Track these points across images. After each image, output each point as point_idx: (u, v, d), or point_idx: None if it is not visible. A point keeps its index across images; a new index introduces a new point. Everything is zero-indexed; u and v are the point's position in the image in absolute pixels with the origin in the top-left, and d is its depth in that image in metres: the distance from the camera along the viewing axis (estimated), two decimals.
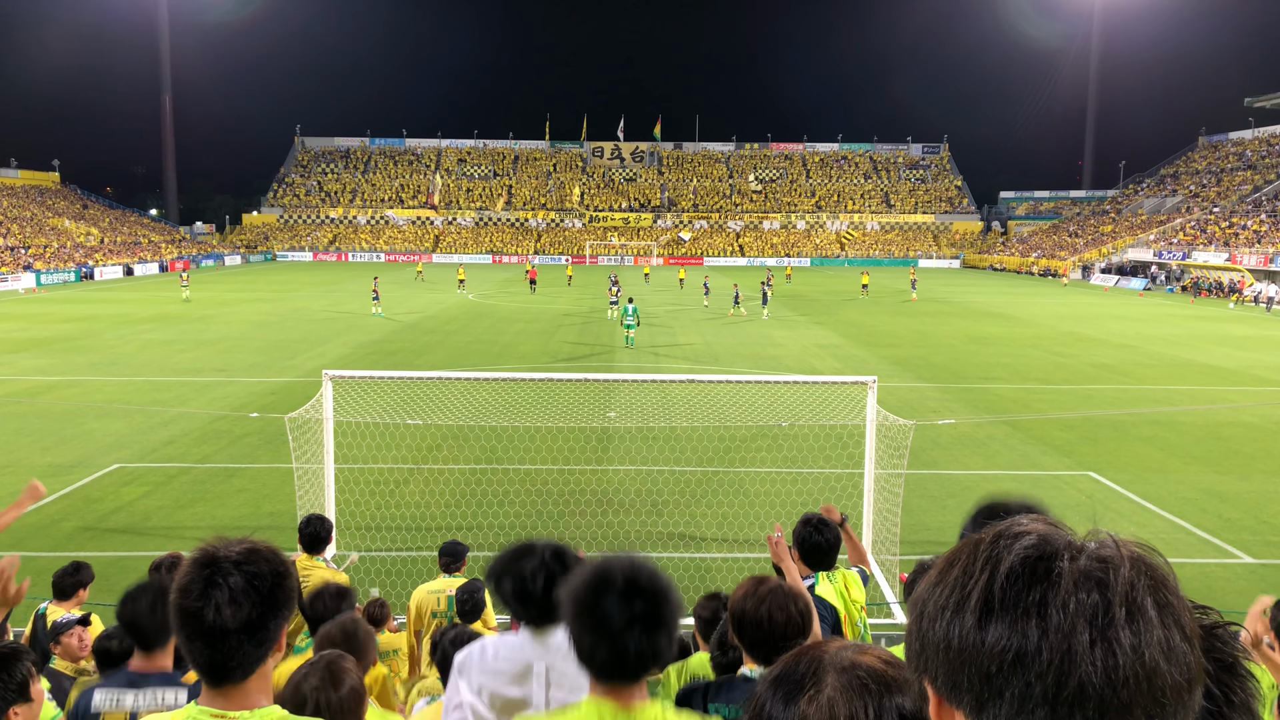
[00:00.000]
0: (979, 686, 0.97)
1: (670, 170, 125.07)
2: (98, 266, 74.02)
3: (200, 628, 2.14)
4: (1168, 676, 0.93)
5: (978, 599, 0.99)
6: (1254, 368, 30.19)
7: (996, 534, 1.04)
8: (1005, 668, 0.95)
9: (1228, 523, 14.59)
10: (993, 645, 0.96)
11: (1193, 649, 0.97)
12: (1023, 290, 67.92)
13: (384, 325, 39.39)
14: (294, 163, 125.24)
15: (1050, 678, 0.93)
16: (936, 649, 1.02)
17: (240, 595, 2.13)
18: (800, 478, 16.08)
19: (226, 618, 2.11)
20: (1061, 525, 1.06)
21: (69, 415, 21.16)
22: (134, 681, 3.65)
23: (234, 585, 2.14)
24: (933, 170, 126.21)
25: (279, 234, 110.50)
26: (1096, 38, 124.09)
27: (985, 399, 24.18)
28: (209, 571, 2.17)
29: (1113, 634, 0.93)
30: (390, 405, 18.55)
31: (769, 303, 45.86)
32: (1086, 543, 1.02)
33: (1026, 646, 0.94)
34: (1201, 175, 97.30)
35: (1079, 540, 1.02)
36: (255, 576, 2.17)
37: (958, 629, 0.99)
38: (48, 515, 14.38)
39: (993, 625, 0.97)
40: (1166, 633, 0.95)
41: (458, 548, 8.08)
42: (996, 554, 1.01)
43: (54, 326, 38.37)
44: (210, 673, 2.21)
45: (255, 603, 2.14)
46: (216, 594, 2.13)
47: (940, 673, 1.02)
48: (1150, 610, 0.95)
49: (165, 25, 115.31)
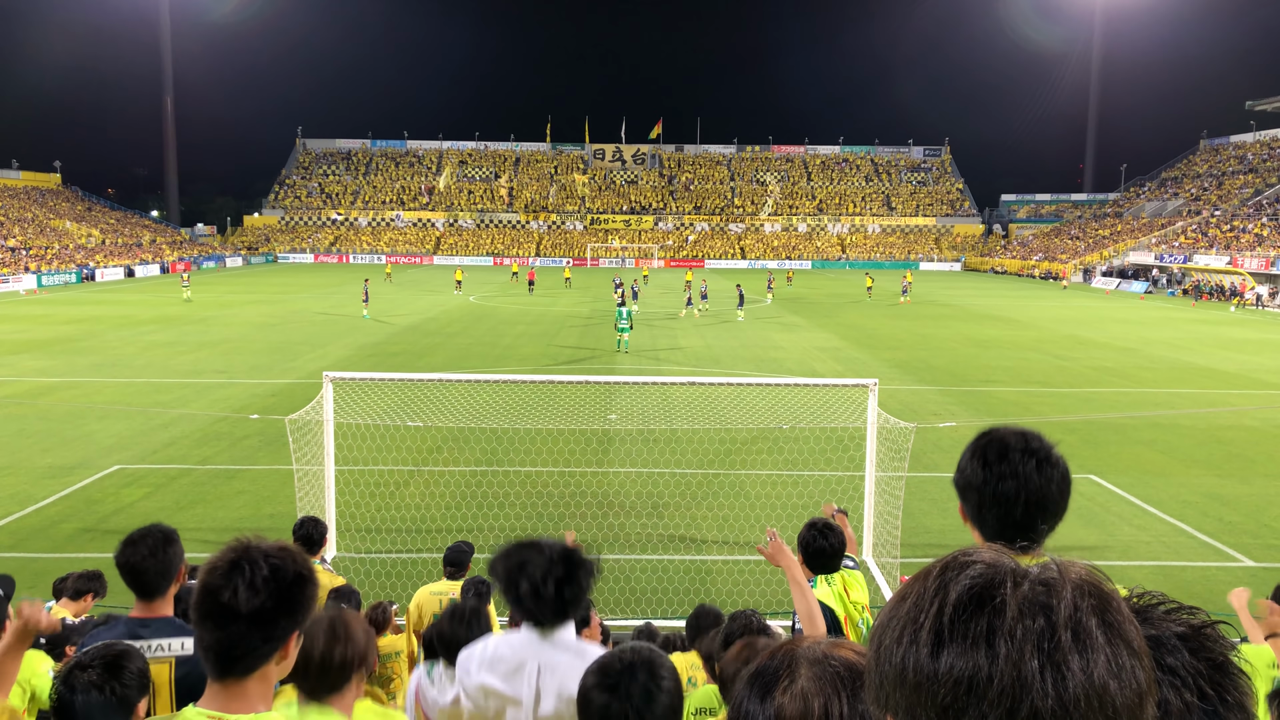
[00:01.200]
0: (936, 717, 0.98)
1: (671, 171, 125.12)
2: (99, 268, 74.06)
3: (214, 606, 2.20)
4: (1118, 696, 0.95)
5: (929, 630, 1.00)
6: (1255, 371, 30.17)
7: (944, 564, 1.05)
8: (960, 698, 0.96)
9: (1228, 526, 14.58)
10: (945, 676, 0.97)
11: (1141, 665, 0.98)
12: (1024, 293, 67.90)
13: (385, 327, 39.39)
14: (295, 164, 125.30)
15: (1003, 705, 0.94)
16: (894, 682, 1.02)
17: (260, 584, 2.20)
18: (801, 480, 16.07)
19: (241, 600, 2.17)
20: (1006, 552, 1.06)
21: (70, 417, 21.17)
22: (135, 630, 3.60)
23: (258, 574, 2.21)
24: (934, 173, 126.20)
25: (280, 236, 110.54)
26: (1098, 41, 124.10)
27: (986, 402, 24.16)
28: (238, 556, 2.25)
29: (1060, 658, 0.95)
30: (391, 407, 18.55)
31: (745, 305, 46.05)
32: (1030, 569, 1.03)
33: (978, 675, 0.95)
34: (1203, 178, 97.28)
35: (1024, 567, 1.03)
36: (279, 571, 2.24)
37: (912, 661, 1.00)
38: (47, 517, 14.38)
39: (944, 655, 0.98)
40: (1114, 652, 0.96)
41: (461, 556, 8.06)
42: (945, 584, 1.02)
43: (55, 328, 38.39)
44: (215, 659, 2.25)
45: (271, 593, 2.20)
46: (239, 578, 2.20)
47: (900, 706, 1.02)
48: (1096, 632, 0.96)
49: (167, 26, 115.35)
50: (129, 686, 3.15)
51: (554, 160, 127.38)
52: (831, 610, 5.61)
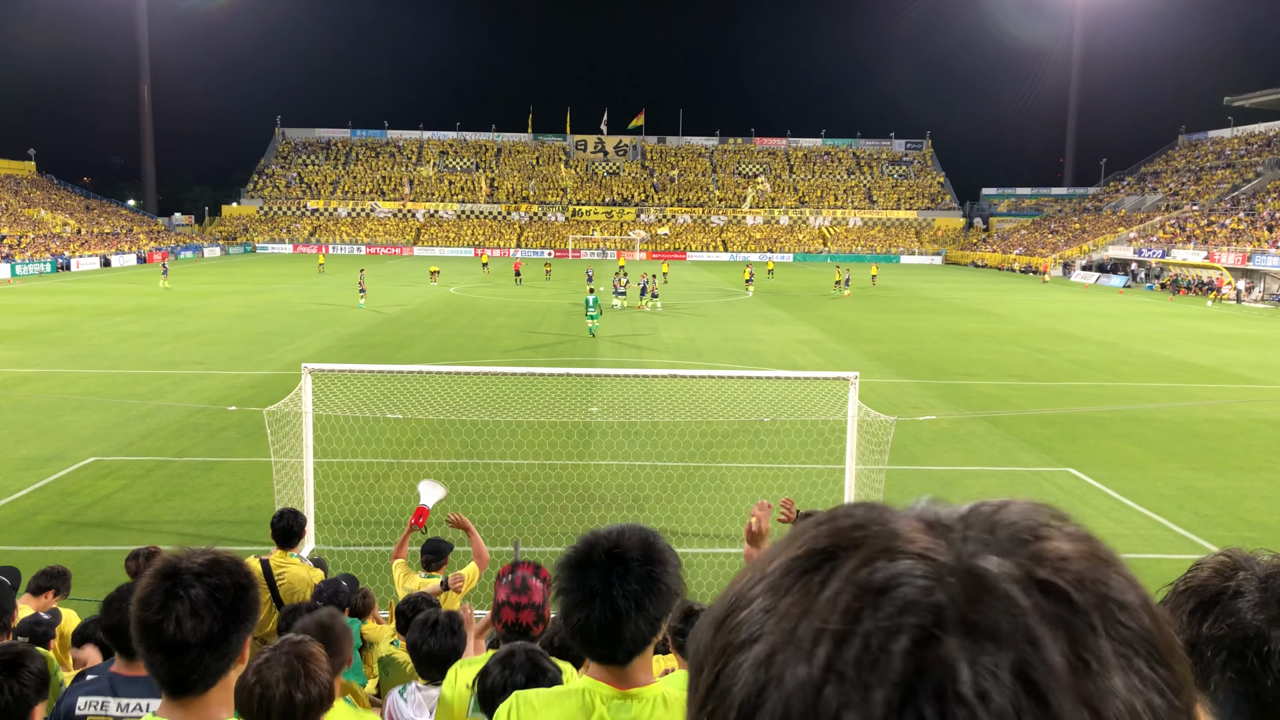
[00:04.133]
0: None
1: (653, 163, 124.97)
2: (74, 257, 73.27)
3: (160, 640, 2.10)
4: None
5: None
6: (1231, 365, 30.46)
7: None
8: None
9: (1204, 519, 14.71)
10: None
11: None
12: (1004, 287, 68.28)
13: (365, 318, 39.17)
14: (274, 154, 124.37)
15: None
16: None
17: (202, 608, 2.09)
18: (782, 473, 16.09)
19: (187, 631, 2.08)
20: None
21: (45, 407, 20.93)
22: (116, 688, 3.57)
23: (195, 598, 2.10)
24: (915, 166, 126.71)
25: (259, 226, 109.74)
26: (1079, 36, 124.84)
27: (966, 395, 24.28)
28: (170, 583, 2.12)
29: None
30: (370, 399, 18.43)
31: (649, 296, 46.66)
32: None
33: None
34: (1181, 173, 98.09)
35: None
36: (217, 589, 2.13)
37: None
38: (22, 509, 14.21)
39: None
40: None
41: (441, 545, 7.99)
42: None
43: (30, 318, 37.95)
44: (170, 685, 2.17)
45: (216, 615, 2.11)
46: (177, 606, 2.09)
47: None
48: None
49: (144, 13, 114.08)
50: (26, 686, 3.11)
51: (536, 151, 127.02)
52: None
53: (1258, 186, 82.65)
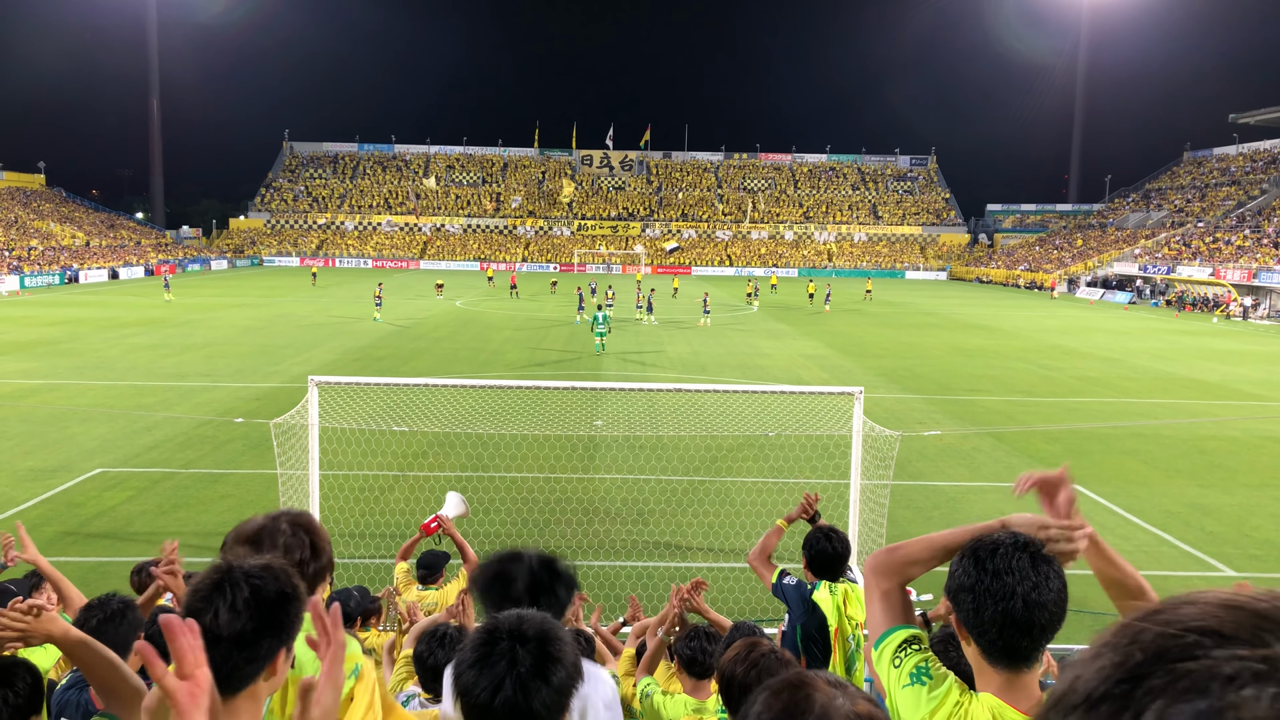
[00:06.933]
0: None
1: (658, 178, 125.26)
2: (83, 269, 73.58)
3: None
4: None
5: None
6: (1237, 382, 30.40)
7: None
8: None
9: (1211, 536, 14.67)
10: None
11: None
12: (1009, 303, 68.24)
13: (371, 331, 39.26)
14: (282, 167, 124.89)
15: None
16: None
17: (241, 606, 2.16)
18: (786, 488, 16.09)
19: (222, 624, 2.14)
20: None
21: (52, 419, 21.00)
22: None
23: (239, 596, 2.17)
24: (920, 182, 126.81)
25: (266, 239, 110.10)
26: (1083, 53, 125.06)
27: (971, 411, 24.25)
28: (220, 578, 2.21)
29: None
30: (376, 411, 18.47)
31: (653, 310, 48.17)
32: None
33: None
34: (1186, 190, 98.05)
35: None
36: (260, 591, 2.20)
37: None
38: (28, 520, 14.24)
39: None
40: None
41: (436, 559, 8.00)
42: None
43: (38, 330, 38.11)
44: None
45: (253, 616, 2.17)
46: (220, 600, 2.17)
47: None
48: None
49: (154, 28, 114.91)
50: (21, 695, 3.14)
51: (541, 166, 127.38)
52: (823, 616, 5.59)
53: (1263, 203, 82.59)
